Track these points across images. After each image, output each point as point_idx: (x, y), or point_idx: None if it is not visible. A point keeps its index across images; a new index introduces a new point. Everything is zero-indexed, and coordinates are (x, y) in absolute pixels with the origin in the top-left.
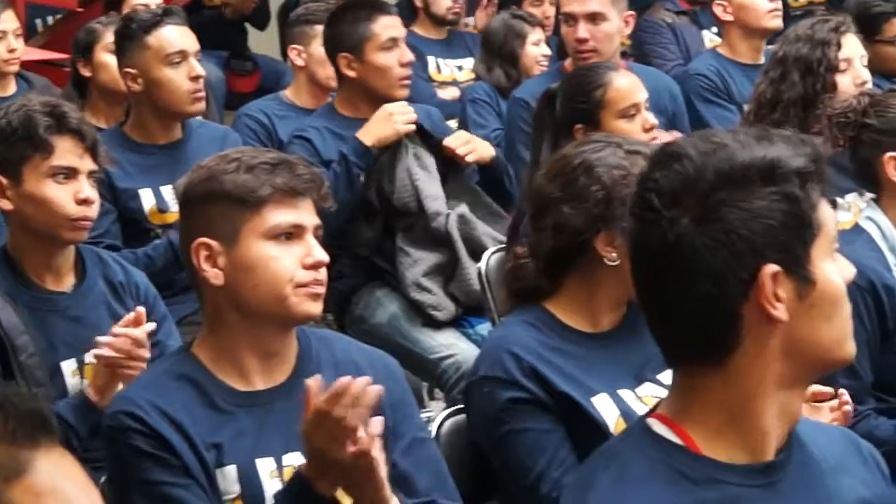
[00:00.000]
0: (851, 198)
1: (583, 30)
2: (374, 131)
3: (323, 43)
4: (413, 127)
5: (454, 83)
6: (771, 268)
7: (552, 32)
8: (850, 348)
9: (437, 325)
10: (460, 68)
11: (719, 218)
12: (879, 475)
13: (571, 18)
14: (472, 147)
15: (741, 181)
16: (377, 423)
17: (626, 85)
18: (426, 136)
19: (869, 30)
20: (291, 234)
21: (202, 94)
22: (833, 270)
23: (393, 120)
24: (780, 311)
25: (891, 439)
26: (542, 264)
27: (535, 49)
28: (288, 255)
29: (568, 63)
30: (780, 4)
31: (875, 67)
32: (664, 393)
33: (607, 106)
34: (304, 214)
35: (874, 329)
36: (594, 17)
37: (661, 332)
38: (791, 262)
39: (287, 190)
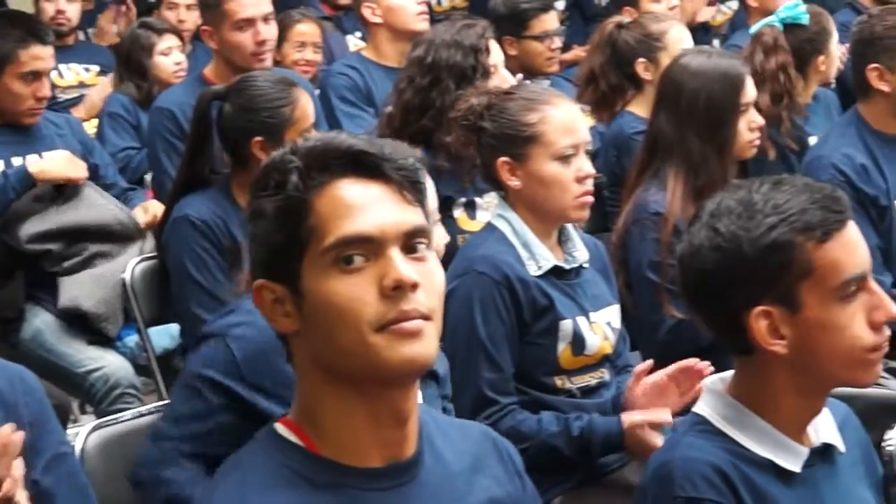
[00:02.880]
0: (490, 197)
1: (264, 31)
2: (44, 165)
3: None
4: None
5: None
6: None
7: None
8: None
9: (89, 339)
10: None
11: None
12: (514, 472)
13: (249, 23)
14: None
15: None
16: (19, 465)
17: (308, 105)
18: None
19: (517, 27)
20: None
21: None
22: (325, 283)
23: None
24: (283, 324)
25: (535, 435)
26: None
27: (165, 59)
28: None
29: (209, 70)
30: (426, 8)
31: (523, 65)
32: None
33: (295, 124)
34: None
35: (512, 321)
36: (266, 18)
37: None
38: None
39: None
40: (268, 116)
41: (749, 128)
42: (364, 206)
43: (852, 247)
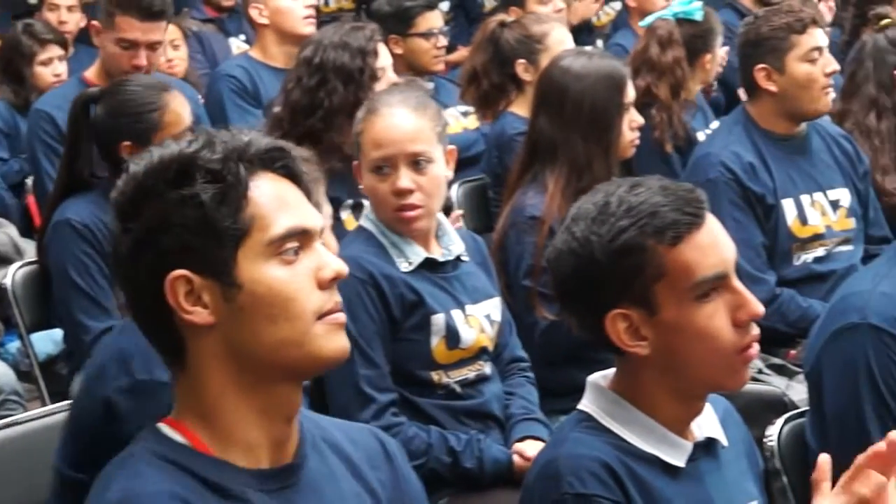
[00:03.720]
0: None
1: (143, 57)
2: None
3: None
4: None
5: None
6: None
7: None
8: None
9: None
10: None
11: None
12: (400, 472)
13: (132, 45)
14: None
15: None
16: None
17: (181, 108)
18: None
19: (403, 25)
20: None
21: None
22: (268, 273)
23: None
24: (200, 317)
25: (424, 455)
26: None
27: (45, 69)
28: None
29: (90, 72)
30: (314, 11)
31: (409, 64)
32: None
33: (165, 129)
34: None
35: (382, 318)
36: (153, 46)
37: None
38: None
39: None
40: (136, 121)
41: (630, 127)
42: (295, 201)
43: (707, 248)
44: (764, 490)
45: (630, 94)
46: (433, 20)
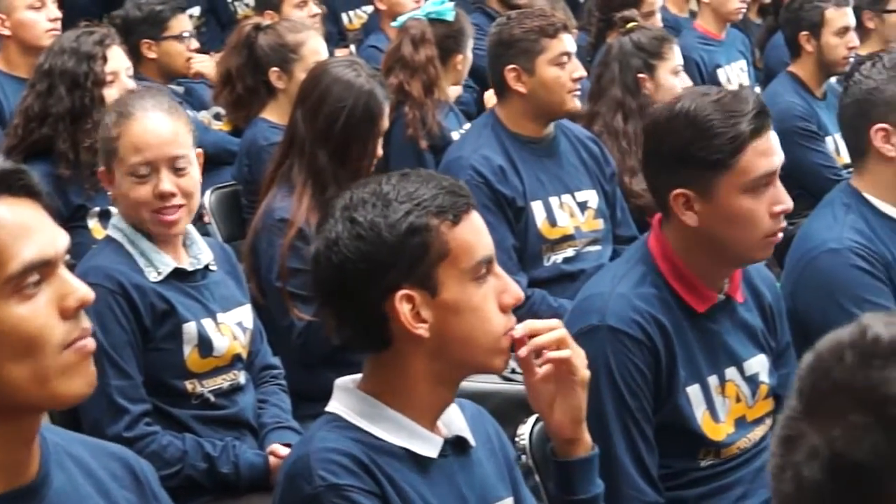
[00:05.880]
0: None
1: None
2: None
3: None
4: None
5: None
6: None
7: None
8: None
9: None
10: None
11: None
12: (150, 493)
13: None
14: None
15: None
16: None
17: None
18: None
19: (155, 28)
20: None
21: None
22: (6, 313)
23: None
24: None
25: (179, 463)
26: None
27: None
28: None
29: None
30: (59, 25)
31: (162, 68)
32: None
33: None
34: None
35: (133, 328)
36: None
37: None
38: None
39: None
40: None
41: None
42: (37, 224)
43: (480, 230)
44: (514, 488)
45: (386, 122)
46: (185, 23)
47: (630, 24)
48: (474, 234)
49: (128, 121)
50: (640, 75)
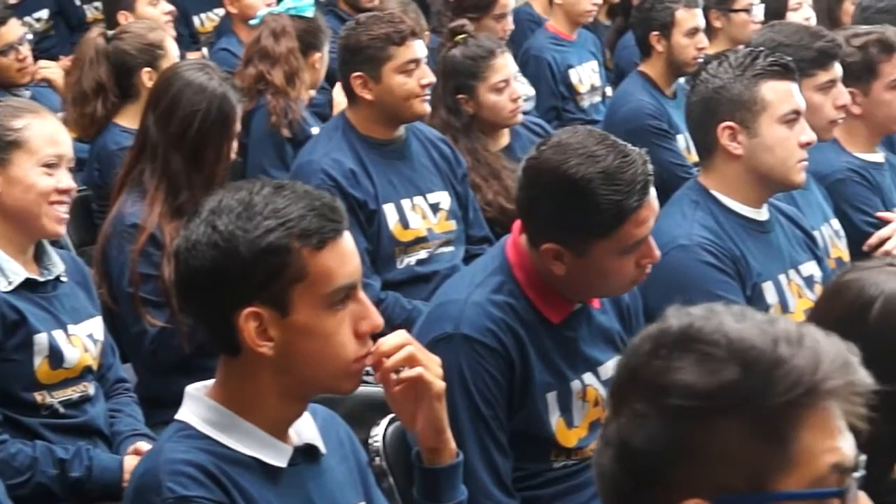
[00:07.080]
0: None
1: None
2: None
3: None
4: None
5: None
6: None
7: None
8: None
9: None
10: None
11: None
12: None
13: None
14: None
15: None
16: None
17: None
18: None
19: None
20: None
21: None
22: None
23: None
24: None
25: (28, 470)
26: None
27: None
28: None
29: None
30: None
31: None
32: None
33: None
34: None
35: None
36: None
37: None
38: None
39: None
40: None
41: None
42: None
43: (346, 257)
44: (367, 492)
45: (238, 125)
46: (14, 31)
47: (458, 37)
48: (338, 260)
49: (33, 115)
50: (460, 96)
